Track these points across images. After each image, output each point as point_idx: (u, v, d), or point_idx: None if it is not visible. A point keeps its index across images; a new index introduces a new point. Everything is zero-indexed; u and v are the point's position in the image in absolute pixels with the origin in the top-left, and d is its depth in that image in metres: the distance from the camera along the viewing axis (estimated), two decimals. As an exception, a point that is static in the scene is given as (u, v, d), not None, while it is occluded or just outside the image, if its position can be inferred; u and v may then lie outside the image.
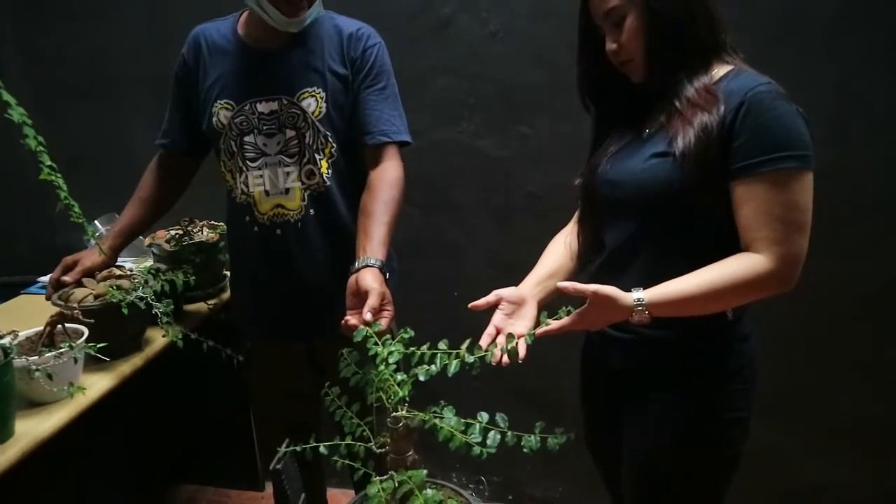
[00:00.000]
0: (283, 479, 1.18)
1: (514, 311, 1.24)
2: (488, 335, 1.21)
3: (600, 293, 1.09)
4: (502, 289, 1.25)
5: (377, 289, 1.26)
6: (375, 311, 1.23)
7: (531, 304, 1.25)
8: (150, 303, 1.46)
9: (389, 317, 1.27)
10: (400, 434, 1.09)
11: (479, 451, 1.04)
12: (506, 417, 1.12)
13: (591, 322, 1.14)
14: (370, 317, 1.21)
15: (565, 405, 2.18)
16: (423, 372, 1.07)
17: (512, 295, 1.25)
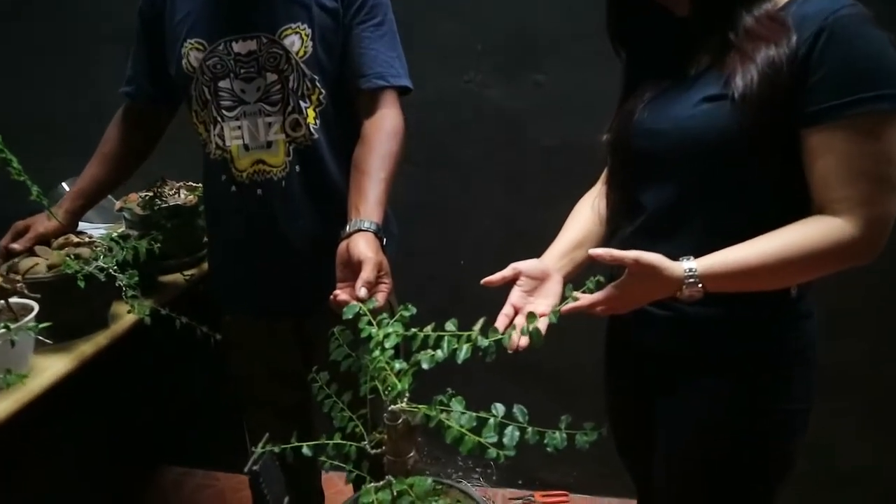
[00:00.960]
0: (261, 482, 1.00)
1: (536, 287, 1.06)
2: (505, 316, 1.03)
3: (643, 261, 0.90)
4: (521, 262, 1.07)
5: (372, 258, 1.06)
6: (370, 285, 1.04)
7: (555, 279, 1.07)
8: (111, 274, 1.27)
9: (387, 291, 1.08)
10: (399, 433, 0.90)
11: (495, 454, 0.85)
12: (525, 410, 0.93)
13: (630, 297, 0.96)
14: (364, 292, 1.02)
15: (584, 384, 2.01)
16: (426, 358, 0.87)
17: (533, 269, 1.06)
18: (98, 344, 1.37)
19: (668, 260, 0.92)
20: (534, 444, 0.96)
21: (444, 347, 0.87)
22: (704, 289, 0.91)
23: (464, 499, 1.09)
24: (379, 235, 1.13)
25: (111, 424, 1.78)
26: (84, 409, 1.64)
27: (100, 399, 1.70)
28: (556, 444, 0.94)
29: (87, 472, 1.73)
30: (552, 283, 1.06)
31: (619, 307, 0.97)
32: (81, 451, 1.68)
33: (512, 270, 1.05)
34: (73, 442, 1.64)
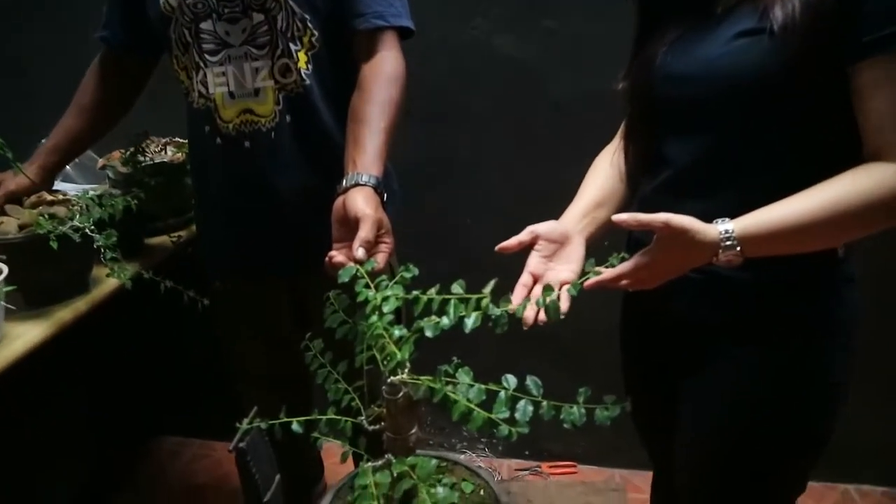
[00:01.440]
0: (248, 461, 0.91)
1: (556, 251, 0.96)
2: (523, 285, 0.93)
3: (674, 225, 0.79)
4: (539, 224, 0.96)
5: (371, 215, 0.96)
6: (369, 245, 0.94)
7: (576, 241, 0.97)
8: (88, 234, 1.16)
9: (387, 252, 0.98)
10: (399, 407, 0.81)
11: (507, 432, 0.76)
12: (539, 382, 0.84)
13: (660, 267, 0.85)
14: (362, 252, 0.92)
15: (597, 352, 1.91)
16: (430, 326, 0.77)
17: (551, 232, 0.96)
18: (77, 310, 1.27)
19: (701, 222, 0.81)
20: (548, 420, 0.88)
21: (451, 313, 0.77)
22: (743, 253, 0.81)
23: (470, 476, 1.00)
24: (379, 191, 1.02)
25: (99, 394, 1.70)
26: (68, 379, 1.56)
27: (85, 368, 1.62)
28: (573, 419, 0.84)
29: (73, 442, 1.66)
30: (573, 247, 0.96)
31: (648, 279, 0.86)
32: (67, 422, 1.60)
33: (529, 234, 0.94)
34: (56, 412, 1.56)
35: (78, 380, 1.58)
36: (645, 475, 2.01)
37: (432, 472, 0.71)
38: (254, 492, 0.92)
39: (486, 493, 0.96)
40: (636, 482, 1.97)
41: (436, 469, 0.72)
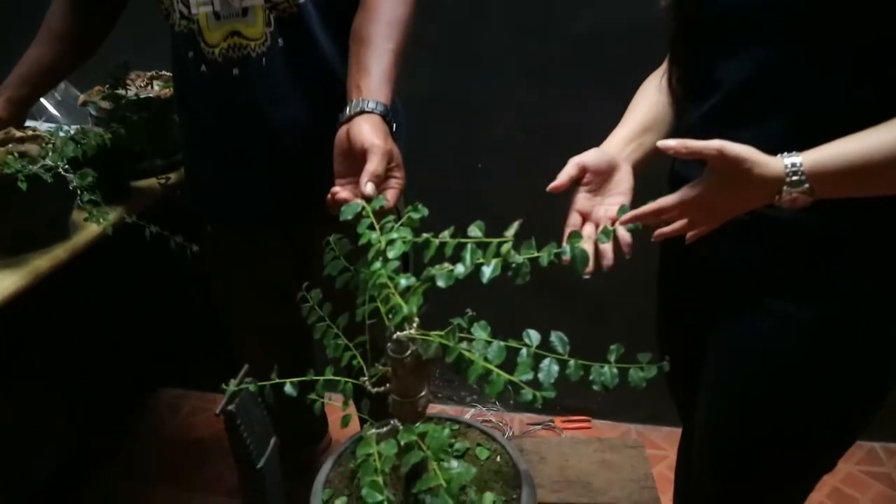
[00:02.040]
0: (238, 425, 0.81)
1: (602, 184, 0.86)
2: (573, 226, 0.83)
3: (729, 153, 0.68)
4: (583, 154, 0.85)
5: (380, 145, 0.83)
6: (378, 179, 0.82)
7: (624, 169, 0.86)
8: (61, 174, 1.05)
9: (399, 188, 0.86)
10: (407, 368, 0.70)
11: (531, 396, 0.66)
12: (565, 339, 0.74)
13: (712, 203, 0.74)
14: (371, 187, 0.80)
15: (618, 304, 1.82)
16: (443, 274, 0.66)
17: (598, 162, 0.85)
18: (57, 258, 1.17)
19: (762, 153, 0.69)
20: (576, 381, 0.78)
21: (467, 260, 0.65)
22: (812, 192, 0.69)
23: (485, 441, 0.91)
24: (387, 119, 0.89)
25: (90, 346, 1.62)
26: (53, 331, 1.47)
27: (72, 320, 1.52)
28: (605, 380, 0.74)
29: (64, 397, 1.58)
30: (621, 176, 0.86)
31: (697, 216, 0.75)
32: (54, 375, 1.52)
33: (576, 167, 0.84)
34: (41, 366, 1.48)
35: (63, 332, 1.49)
36: (662, 431, 1.95)
37: (444, 445, 0.61)
38: (246, 458, 0.83)
39: (503, 460, 0.87)
40: (653, 438, 1.90)
41: (448, 440, 0.61)
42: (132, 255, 1.61)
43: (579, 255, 0.72)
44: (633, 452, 1.60)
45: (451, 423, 0.94)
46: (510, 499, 0.81)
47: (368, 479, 0.60)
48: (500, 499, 0.80)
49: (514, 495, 0.81)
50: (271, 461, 0.87)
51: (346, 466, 0.88)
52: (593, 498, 1.47)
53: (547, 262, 0.72)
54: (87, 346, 1.62)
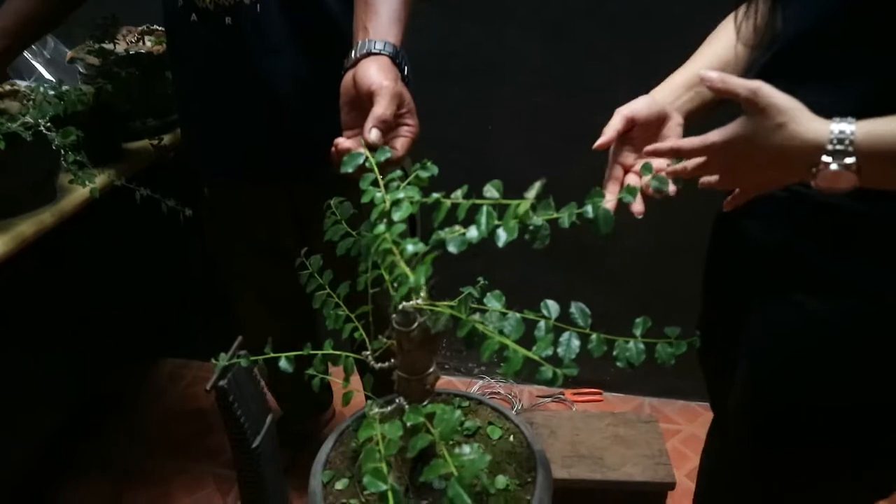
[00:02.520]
0: (231, 402, 0.75)
1: (648, 138, 0.77)
2: (615, 179, 0.77)
3: (764, 97, 0.60)
4: (630, 104, 0.76)
5: (388, 86, 0.73)
6: (385, 125, 0.73)
7: (674, 121, 0.77)
8: (42, 133, 0.98)
9: (411, 136, 0.77)
10: (413, 342, 0.64)
11: (551, 375, 0.59)
12: (587, 310, 0.67)
13: (737, 153, 0.65)
14: (376, 134, 0.71)
15: (625, 270, 1.75)
16: (455, 239, 0.59)
17: (649, 114, 0.76)
18: (42, 223, 1.10)
19: (808, 111, 0.60)
20: (599, 358, 0.71)
21: (482, 223, 0.58)
22: (859, 171, 0.58)
23: (497, 419, 0.85)
24: (397, 61, 0.80)
25: (82, 313, 1.56)
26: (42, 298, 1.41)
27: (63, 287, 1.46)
28: (630, 357, 0.68)
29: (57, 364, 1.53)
30: (670, 129, 0.77)
31: (723, 166, 0.67)
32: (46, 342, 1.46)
33: (623, 120, 0.75)
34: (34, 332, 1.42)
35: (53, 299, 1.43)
36: (676, 404, 1.89)
37: (455, 428, 0.54)
38: (240, 437, 0.77)
39: (517, 440, 0.81)
40: (667, 412, 1.84)
41: (459, 424, 0.55)
42: (125, 221, 1.55)
43: (602, 215, 0.65)
44: (647, 427, 1.54)
45: (461, 399, 0.88)
46: (524, 482, 0.75)
47: (371, 466, 0.53)
48: (513, 482, 0.74)
49: (528, 478, 0.75)
50: (268, 439, 0.81)
51: (348, 445, 0.82)
52: (605, 474, 1.42)
53: (568, 224, 0.65)
54: (80, 314, 1.57)
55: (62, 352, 1.54)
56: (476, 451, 0.54)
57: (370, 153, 0.69)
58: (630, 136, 0.76)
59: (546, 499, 0.73)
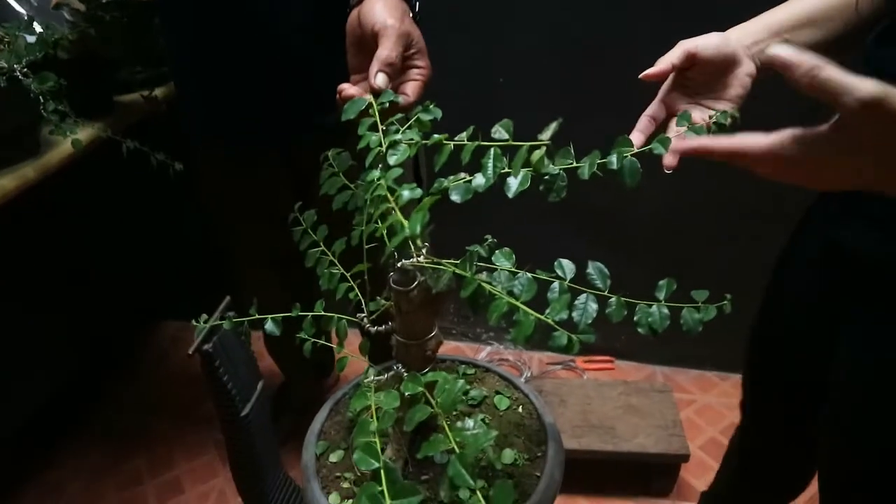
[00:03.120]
0: (217, 368, 0.69)
1: (708, 83, 0.66)
2: (649, 118, 0.66)
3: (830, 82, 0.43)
4: (698, 39, 0.65)
5: (393, 25, 0.65)
6: (391, 67, 0.64)
7: (744, 69, 0.65)
8: (18, 78, 0.91)
9: (421, 80, 0.68)
10: (413, 304, 0.57)
11: (566, 341, 0.53)
12: (605, 271, 0.61)
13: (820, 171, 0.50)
14: (381, 78, 0.63)
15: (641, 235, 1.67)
16: (458, 186, 0.52)
17: (715, 54, 0.64)
18: (24, 177, 1.04)
19: None
20: (619, 324, 0.65)
21: (489, 168, 0.51)
22: None
23: (504, 387, 0.79)
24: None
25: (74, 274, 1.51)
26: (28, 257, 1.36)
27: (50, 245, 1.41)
28: (653, 323, 0.62)
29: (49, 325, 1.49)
30: (736, 77, 0.65)
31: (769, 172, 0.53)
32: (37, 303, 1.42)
33: (684, 54, 0.64)
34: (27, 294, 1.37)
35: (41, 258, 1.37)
36: (689, 374, 1.84)
37: (457, 400, 0.48)
38: (227, 406, 0.72)
39: (526, 411, 0.75)
40: (680, 380, 1.78)
41: (462, 395, 0.49)
42: (117, 177, 1.49)
43: (628, 166, 0.58)
44: (661, 397, 1.49)
45: (466, 366, 0.82)
46: (533, 456, 0.69)
47: (363, 441, 0.47)
48: (521, 456, 0.69)
49: (538, 452, 0.69)
50: (258, 408, 0.76)
51: (344, 415, 0.76)
52: (618, 445, 1.36)
53: (588, 174, 0.58)
54: (73, 273, 1.52)
55: (58, 312, 1.49)
56: (480, 426, 0.48)
57: (375, 100, 0.61)
58: (687, 75, 0.66)
59: (557, 474, 0.67)
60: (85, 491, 1.52)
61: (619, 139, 0.60)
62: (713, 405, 1.70)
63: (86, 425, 1.70)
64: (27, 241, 1.31)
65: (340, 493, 0.65)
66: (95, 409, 1.75)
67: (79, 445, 1.64)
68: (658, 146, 0.61)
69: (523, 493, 0.65)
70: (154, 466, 1.59)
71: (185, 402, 1.76)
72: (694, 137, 0.62)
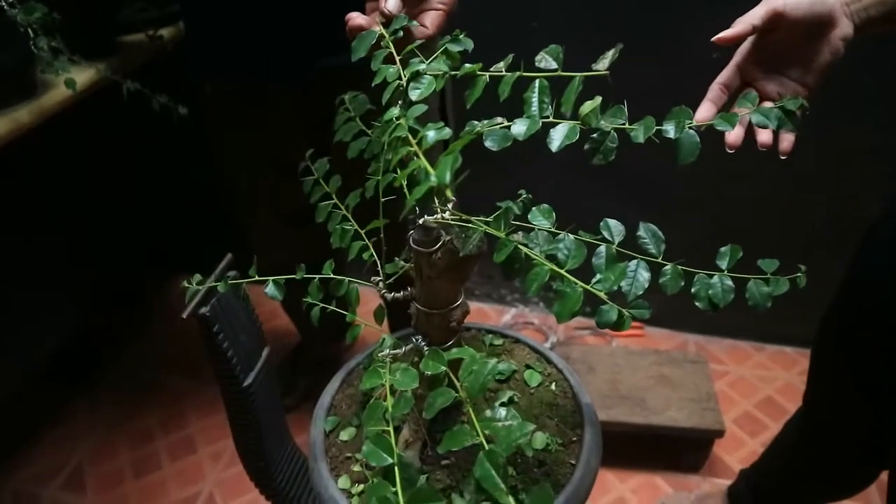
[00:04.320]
0: (217, 334, 0.62)
1: (792, 48, 0.57)
2: (723, 88, 0.58)
3: None
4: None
5: None
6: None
7: (841, 29, 0.56)
8: (3, 9, 0.82)
9: (444, 9, 0.59)
10: (436, 267, 0.49)
11: (616, 316, 0.45)
12: (660, 233, 0.52)
13: None
14: (393, 3, 0.54)
15: (684, 203, 1.56)
16: (494, 132, 0.43)
17: (808, 10, 0.55)
18: (17, 121, 0.97)
19: None
20: (675, 295, 0.56)
21: (533, 103, 0.42)
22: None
23: (536, 361, 0.71)
24: None
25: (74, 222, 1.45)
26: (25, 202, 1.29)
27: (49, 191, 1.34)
28: (714, 296, 0.53)
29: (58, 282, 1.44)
30: (830, 40, 0.56)
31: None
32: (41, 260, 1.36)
33: (769, 13, 0.55)
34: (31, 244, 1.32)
35: (40, 204, 1.31)
36: (723, 343, 1.74)
37: (487, 385, 0.40)
38: (227, 374, 0.65)
39: (560, 388, 0.67)
40: (713, 350, 1.70)
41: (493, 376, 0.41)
42: (121, 123, 1.41)
43: (686, 140, 0.48)
44: (695, 368, 1.40)
45: (494, 336, 0.74)
46: (568, 441, 0.61)
47: (373, 431, 0.40)
48: (554, 441, 0.61)
49: (572, 437, 0.61)
50: (263, 377, 0.69)
51: (357, 388, 0.69)
52: (648, 417, 1.29)
53: (643, 139, 0.48)
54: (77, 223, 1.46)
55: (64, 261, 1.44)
56: (514, 416, 0.40)
57: (384, 29, 0.52)
58: (770, 38, 0.56)
59: (594, 461, 0.59)
60: (98, 446, 1.49)
61: (677, 109, 0.50)
62: (747, 377, 1.61)
63: (100, 381, 1.66)
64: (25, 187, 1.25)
65: (351, 476, 0.58)
66: (110, 365, 1.71)
67: (93, 400, 1.61)
68: (722, 122, 0.50)
69: (556, 483, 0.57)
70: (166, 424, 1.56)
71: (198, 360, 1.70)
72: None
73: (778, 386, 1.57)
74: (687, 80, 0.69)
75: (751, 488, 1.13)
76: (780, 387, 1.57)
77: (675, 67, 1.19)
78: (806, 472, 0.99)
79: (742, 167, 1.42)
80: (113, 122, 1.37)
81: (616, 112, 0.49)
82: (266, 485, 0.74)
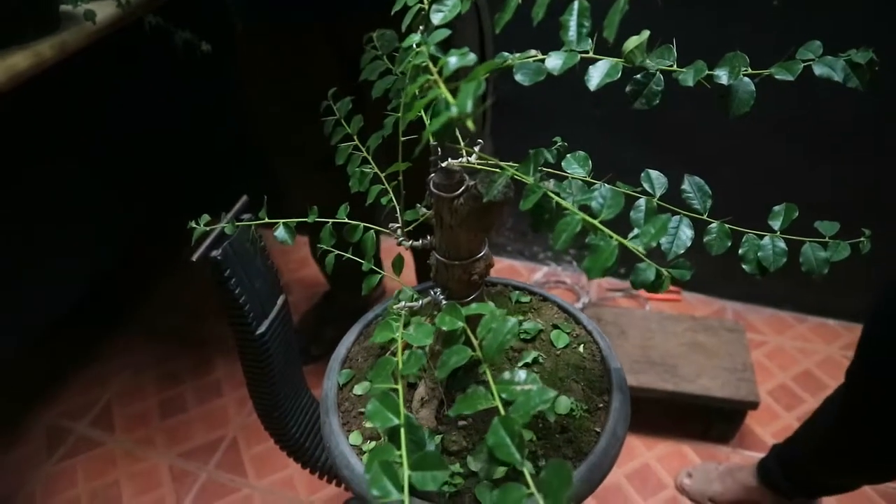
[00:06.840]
0: (228, 279, 0.59)
1: None
2: None
3: None
4: None
5: None
6: None
7: None
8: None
9: None
10: (458, 214, 0.45)
11: (654, 276, 0.41)
12: (706, 186, 0.47)
13: None
14: None
15: (722, 155, 1.48)
16: (526, 64, 0.38)
17: None
18: (40, 55, 0.93)
19: None
20: (719, 257, 0.51)
21: (571, 28, 0.37)
22: None
23: (564, 322, 0.66)
24: None
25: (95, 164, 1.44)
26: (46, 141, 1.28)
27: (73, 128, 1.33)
28: (765, 259, 0.49)
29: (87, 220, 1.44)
30: None
31: None
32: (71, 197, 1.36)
33: None
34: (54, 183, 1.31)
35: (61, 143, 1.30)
36: (763, 313, 1.68)
37: (507, 346, 0.36)
38: (239, 322, 0.62)
39: (588, 351, 0.63)
40: (751, 319, 1.63)
41: (515, 335, 0.37)
42: (149, 62, 1.38)
43: (741, 88, 0.42)
44: (732, 337, 1.35)
45: (521, 293, 0.70)
46: (594, 407, 0.57)
47: (379, 389, 0.36)
48: (579, 406, 0.57)
49: (599, 403, 0.58)
50: (278, 326, 0.66)
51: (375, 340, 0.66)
52: (678, 385, 1.25)
53: (693, 82, 0.42)
54: (101, 164, 1.45)
55: (89, 205, 1.44)
56: (534, 380, 0.36)
57: None
58: None
59: (620, 430, 0.56)
60: (127, 386, 1.52)
61: (731, 55, 0.44)
62: (786, 348, 1.55)
63: (131, 323, 1.68)
64: (49, 122, 1.23)
65: (363, 432, 0.55)
66: (142, 307, 1.73)
67: (124, 342, 1.63)
68: (782, 70, 0.44)
69: (578, 451, 0.54)
70: (195, 368, 1.57)
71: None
72: None
73: (818, 359, 1.51)
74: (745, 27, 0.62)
75: (782, 464, 1.08)
76: (819, 360, 1.51)
77: (731, 9, 1.10)
78: (843, 452, 0.94)
79: (797, 127, 1.34)
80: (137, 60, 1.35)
81: (664, 52, 0.43)
82: (280, 435, 0.73)
